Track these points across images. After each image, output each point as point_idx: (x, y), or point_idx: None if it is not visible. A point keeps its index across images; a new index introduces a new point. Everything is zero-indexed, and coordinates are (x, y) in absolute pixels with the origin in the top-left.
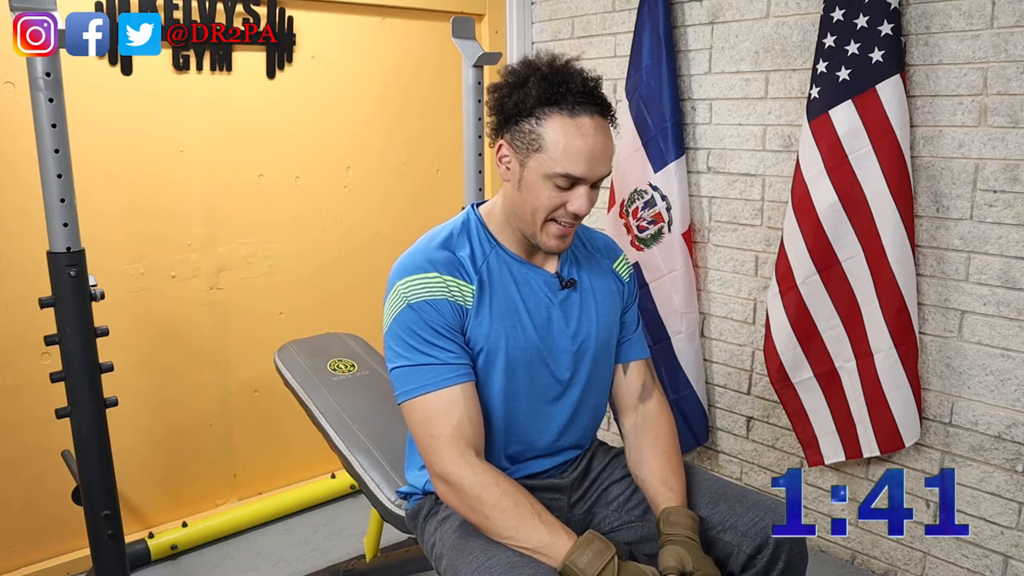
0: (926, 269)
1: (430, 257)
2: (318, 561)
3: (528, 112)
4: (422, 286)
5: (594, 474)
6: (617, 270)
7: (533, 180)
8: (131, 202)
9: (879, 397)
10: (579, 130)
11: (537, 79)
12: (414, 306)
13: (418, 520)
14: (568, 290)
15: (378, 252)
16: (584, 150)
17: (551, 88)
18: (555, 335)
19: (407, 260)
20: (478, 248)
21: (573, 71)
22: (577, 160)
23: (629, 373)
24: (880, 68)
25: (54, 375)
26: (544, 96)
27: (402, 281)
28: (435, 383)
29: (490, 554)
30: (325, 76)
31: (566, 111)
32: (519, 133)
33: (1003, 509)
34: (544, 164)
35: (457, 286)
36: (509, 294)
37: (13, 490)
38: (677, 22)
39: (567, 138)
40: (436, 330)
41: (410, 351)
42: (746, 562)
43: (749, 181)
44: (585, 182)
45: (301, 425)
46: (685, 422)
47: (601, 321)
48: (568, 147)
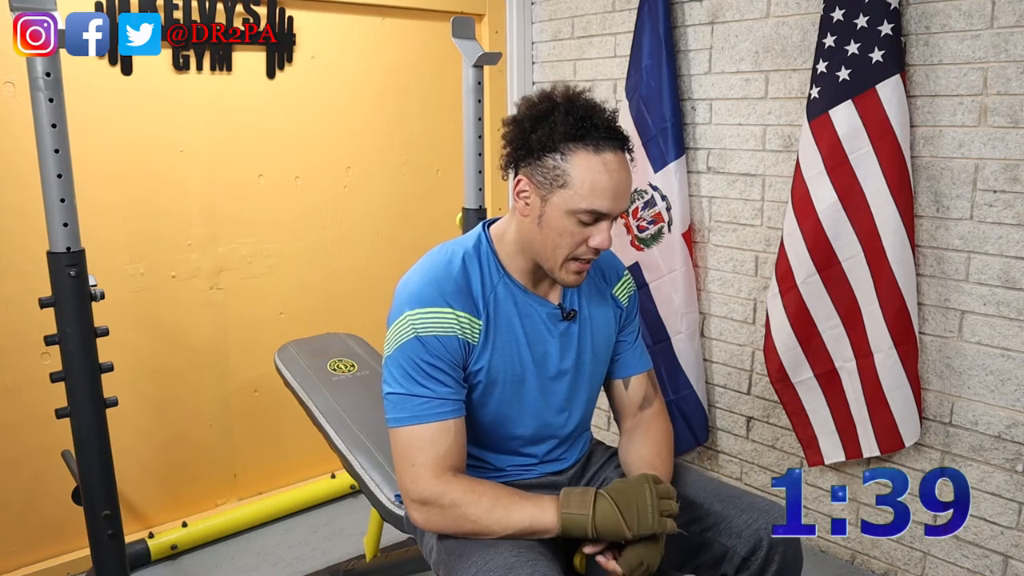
0: (926, 269)
1: (442, 289)
2: (318, 561)
3: (553, 147)
4: (433, 320)
5: (592, 471)
6: (617, 295)
7: (555, 216)
8: (131, 202)
9: (879, 397)
10: (605, 166)
11: (561, 113)
12: (423, 339)
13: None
14: (568, 322)
15: (378, 252)
16: (610, 186)
17: (576, 123)
18: (549, 367)
19: (418, 288)
20: (487, 276)
21: (596, 106)
22: (603, 196)
23: (631, 387)
24: (880, 68)
25: (54, 375)
26: (570, 132)
27: (413, 312)
28: (428, 415)
29: (487, 557)
30: (325, 76)
31: (591, 147)
32: (541, 168)
33: (1003, 509)
34: (569, 200)
35: (468, 321)
36: (513, 327)
37: (13, 490)
38: (677, 22)
39: (593, 174)
40: (439, 365)
41: (409, 381)
42: (740, 564)
43: (749, 181)
44: (608, 218)
45: (301, 425)
46: (685, 422)
47: (596, 351)
48: (595, 183)
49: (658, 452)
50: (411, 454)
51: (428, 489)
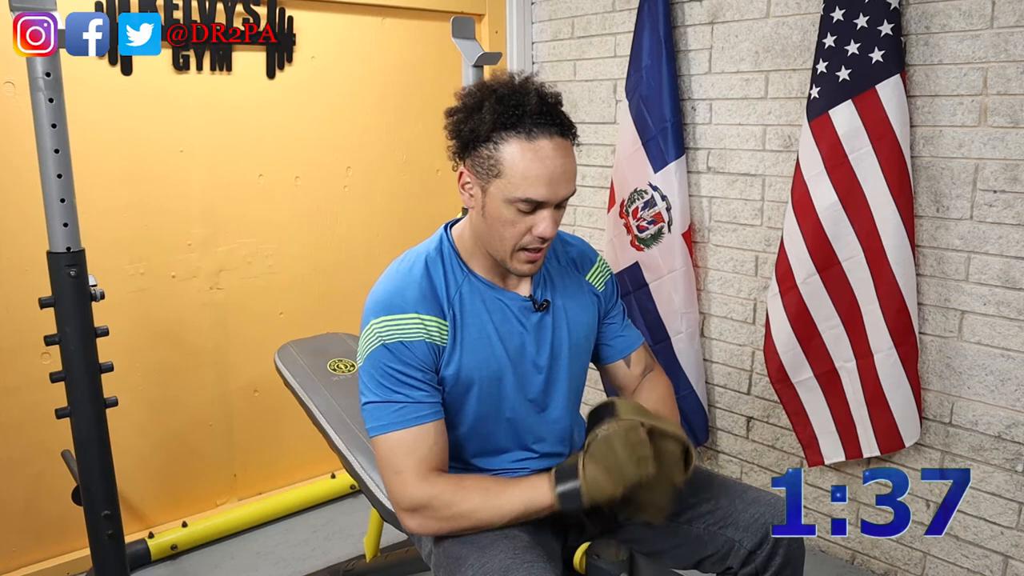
0: (926, 269)
1: (405, 295)
2: (318, 561)
3: (485, 137)
4: (397, 327)
5: None
6: (591, 281)
7: (495, 206)
8: (131, 202)
9: (879, 397)
10: (537, 153)
11: (492, 102)
12: (389, 346)
13: None
14: (541, 313)
15: (378, 252)
16: (544, 173)
17: (506, 111)
18: (526, 361)
19: (382, 296)
20: (451, 277)
21: (529, 90)
22: (537, 184)
23: (632, 364)
24: (880, 68)
25: (54, 375)
26: (500, 120)
27: (377, 320)
28: (406, 421)
29: (484, 560)
30: (325, 76)
31: (523, 134)
32: (478, 158)
33: (1003, 509)
34: (504, 189)
35: (435, 324)
36: (483, 325)
37: (13, 490)
38: (677, 22)
39: (525, 162)
40: (409, 371)
41: (383, 389)
42: (746, 557)
43: (749, 181)
44: (548, 205)
45: (301, 425)
46: (685, 422)
47: (574, 342)
48: (527, 171)
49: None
50: (394, 461)
51: (416, 494)
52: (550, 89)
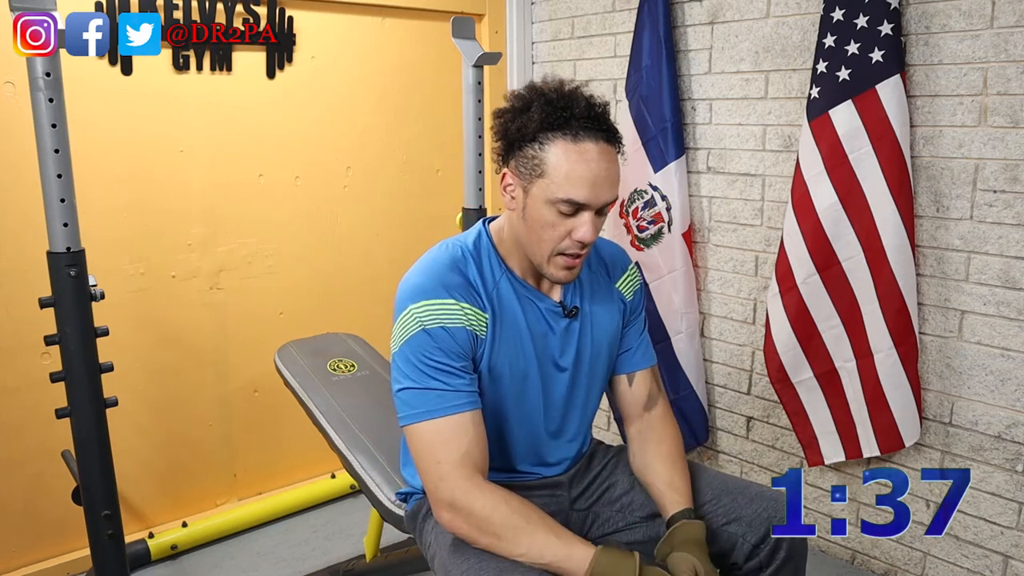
0: (926, 269)
1: (445, 282)
2: (318, 561)
3: (531, 137)
4: (440, 312)
5: (595, 471)
6: (621, 289)
7: (536, 207)
8: (131, 202)
9: (879, 397)
10: (582, 155)
11: (541, 104)
12: (430, 331)
13: (417, 520)
14: (570, 319)
15: (378, 252)
16: (587, 175)
17: (554, 112)
18: (551, 363)
19: (421, 281)
20: (488, 272)
21: (579, 96)
22: (580, 185)
23: (635, 383)
24: (880, 68)
25: (54, 375)
26: (547, 121)
27: (417, 304)
28: (445, 408)
29: (481, 556)
30: (325, 76)
31: (569, 136)
32: (522, 159)
33: (1003, 509)
34: (546, 189)
35: (475, 314)
36: (517, 323)
37: (13, 490)
38: (677, 22)
39: (569, 163)
40: (450, 357)
41: (420, 375)
42: (750, 552)
43: (749, 181)
44: (589, 208)
45: (301, 425)
46: (685, 422)
47: (596, 350)
48: (571, 172)
49: (675, 465)
50: (434, 451)
51: (458, 495)
52: (599, 99)
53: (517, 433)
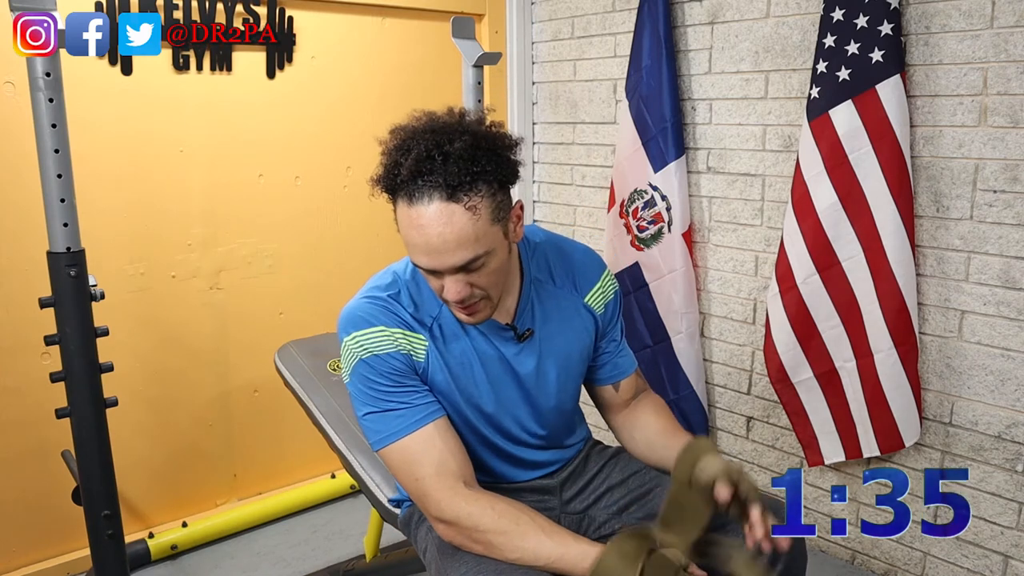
0: (926, 269)
1: (371, 312)
2: (318, 561)
3: (387, 194)
4: (369, 340)
5: (590, 474)
6: (591, 303)
7: None
8: (131, 202)
9: (879, 397)
10: (412, 221)
11: (385, 159)
12: (366, 360)
13: (411, 526)
14: (524, 343)
15: (378, 252)
16: (420, 243)
17: (388, 172)
18: (508, 391)
19: (351, 313)
20: (429, 302)
21: (418, 139)
22: (418, 253)
23: (620, 389)
24: (880, 68)
25: (54, 375)
26: (384, 182)
27: (349, 336)
28: (407, 427)
29: (479, 558)
30: (325, 76)
31: (405, 198)
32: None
33: (1003, 509)
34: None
35: (408, 338)
36: (464, 351)
37: (13, 490)
38: (677, 22)
39: (405, 229)
40: (394, 379)
41: (374, 400)
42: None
43: (749, 181)
44: (441, 273)
45: (301, 425)
46: (685, 422)
47: (560, 367)
48: (408, 239)
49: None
50: (411, 470)
51: (443, 507)
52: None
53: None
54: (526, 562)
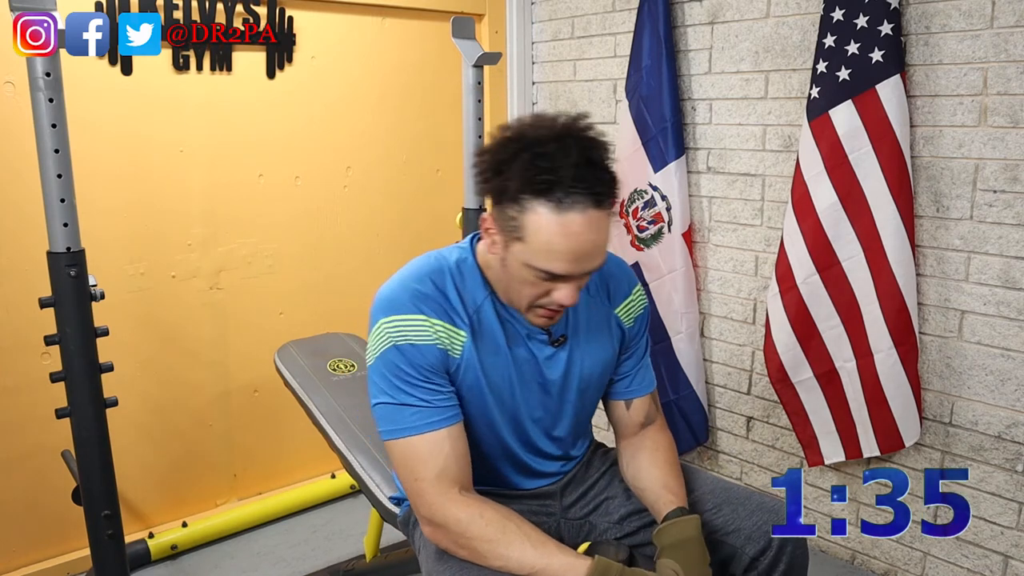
0: (926, 269)
1: (417, 297)
2: (318, 561)
3: (511, 198)
4: (409, 328)
5: (591, 480)
6: (621, 315)
7: (516, 265)
8: (131, 202)
9: (879, 397)
10: (563, 228)
11: (524, 160)
12: (400, 347)
13: (409, 525)
14: (557, 348)
15: (378, 252)
16: (569, 250)
17: (538, 175)
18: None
19: (393, 295)
20: (471, 293)
21: (570, 147)
22: (560, 259)
23: (632, 408)
24: (880, 68)
25: (54, 375)
26: (528, 184)
27: (388, 319)
28: (420, 426)
29: (463, 564)
30: (325, 76)
31: (552, 204)
32: (502, 215)
33: (1003, 509)
34: (525, 255)
35: (447, 332)
36: (498, 346)
37: (13, 490)
38: (677, 22)
39: (549, 235)
40: (423, 373)
41: (395, 391)
42: (748, 564)
43: (749, 181)
44: (570, 279)
45: (301, 425)
46: (685, 422)
47: (586, 378)
48: (551, 245)
49: (672, 469)
50: (413, 468)
51: (435, 510)
52: (598, 137)
53: (498, 450)
54: (510, 570)
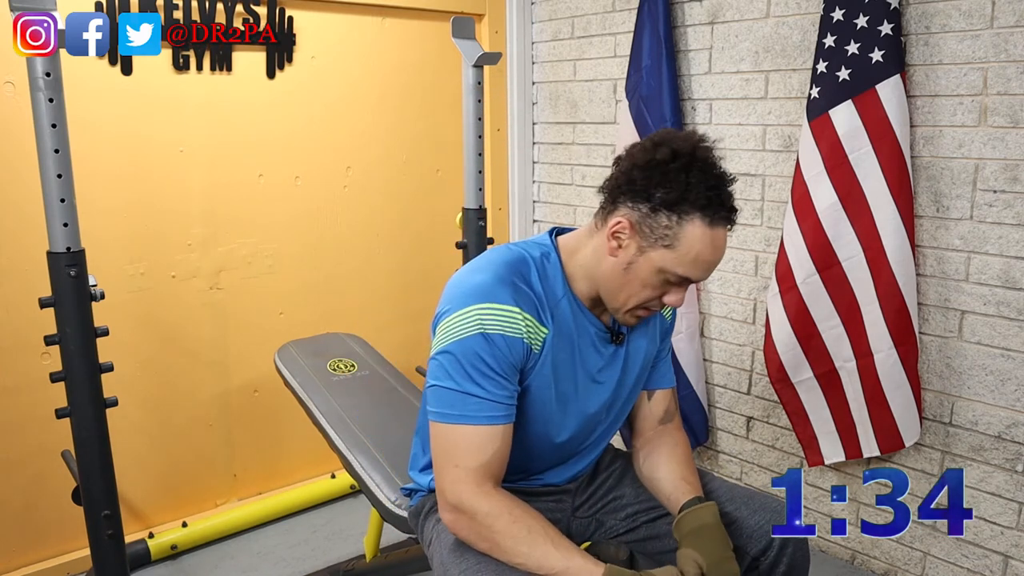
0: (926, 269)
1: (512, 288)
2: (318, 561)
3: (674, 208)
4: (503, 318)
5: (600, 478)
6: (664, 312)
7: (646, 270)
8: (131, 202)
9: (879, 397)
10: (714, 241)
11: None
12: (490, 336)
13: (419, 517)
14: (616, 346)
15: (378, 252)
16: (710, 261)
17: (708, 191)
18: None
19: (486, 281)
20: (552, 288)
21: (725, 175)
22: (703, 268)
23: (654, 400)
24: (880, 68)
25: (54, 375)
26: (699, 199)
27: (482, 305)
28: (479, 417)
29: (480, 558)
30: (325, 76)
31: (708, 219)
32: (651, 221)
33: (1003, 509)
34: (667, 261)
35: (534, 328)
36: (571, 343)
37: (13, 490)
38: (677, 22)
39: (702, 246)
40: (501, 366)
41: (464, 378)
42: (750, 563)
43: (749, 181)
44: (687, 283)
45: (301, 425)
46: (685, 422)
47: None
48: (700, 256)
49: (689, 465)
50: (456, 455)
51: (464, 499)
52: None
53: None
54: (530, 568)
